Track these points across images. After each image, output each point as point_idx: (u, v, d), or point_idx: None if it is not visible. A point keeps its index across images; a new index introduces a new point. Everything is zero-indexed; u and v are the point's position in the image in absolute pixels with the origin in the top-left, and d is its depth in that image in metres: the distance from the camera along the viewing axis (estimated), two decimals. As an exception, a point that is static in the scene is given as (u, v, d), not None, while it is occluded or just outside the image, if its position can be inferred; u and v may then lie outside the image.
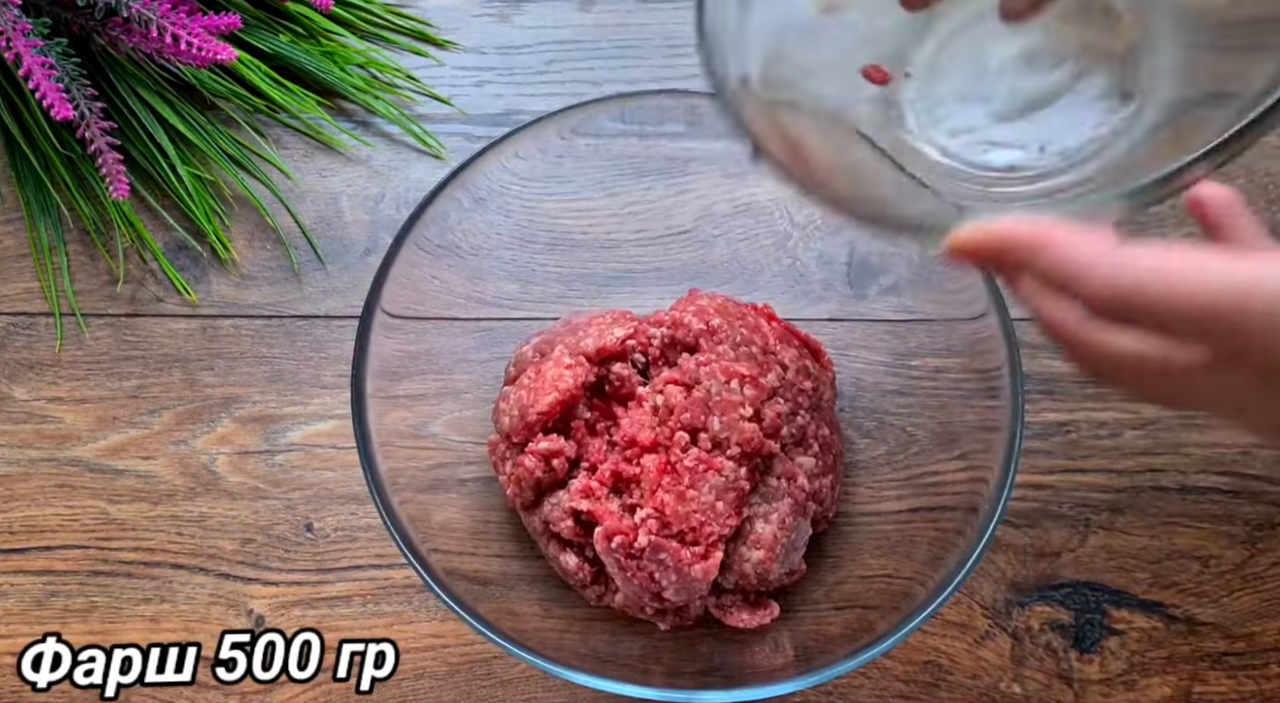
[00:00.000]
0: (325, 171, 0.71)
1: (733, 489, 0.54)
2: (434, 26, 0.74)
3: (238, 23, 0.65)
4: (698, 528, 0.53)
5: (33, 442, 0.65)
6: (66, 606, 0.61)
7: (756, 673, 0.55)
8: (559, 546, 0.56)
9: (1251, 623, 0.61)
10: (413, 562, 0.51)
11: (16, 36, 0.61)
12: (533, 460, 0.55)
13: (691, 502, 0.53)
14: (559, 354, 0.58)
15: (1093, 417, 0.65)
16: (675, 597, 0.54)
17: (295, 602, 0.62)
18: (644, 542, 0.52)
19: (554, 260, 0.65)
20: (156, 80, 0.70)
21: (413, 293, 0.59)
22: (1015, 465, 0.52)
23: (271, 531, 0.63)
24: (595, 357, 0.57)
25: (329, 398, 0.66)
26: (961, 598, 0.62)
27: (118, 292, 0.68)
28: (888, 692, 0.60)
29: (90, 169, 0.68)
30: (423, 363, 0.61)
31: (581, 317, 0.61)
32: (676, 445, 0.54)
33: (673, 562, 0.52)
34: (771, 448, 0.55)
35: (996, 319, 0.54)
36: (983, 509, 0.52)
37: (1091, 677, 0.60)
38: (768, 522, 0.55)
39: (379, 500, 0.52)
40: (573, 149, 0.63)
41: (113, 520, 0.63)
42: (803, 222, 0.64)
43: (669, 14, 0.75)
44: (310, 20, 0.72)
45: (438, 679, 0.60)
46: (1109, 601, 0.62)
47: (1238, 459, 0.65)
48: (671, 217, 0.66)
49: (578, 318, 0.60)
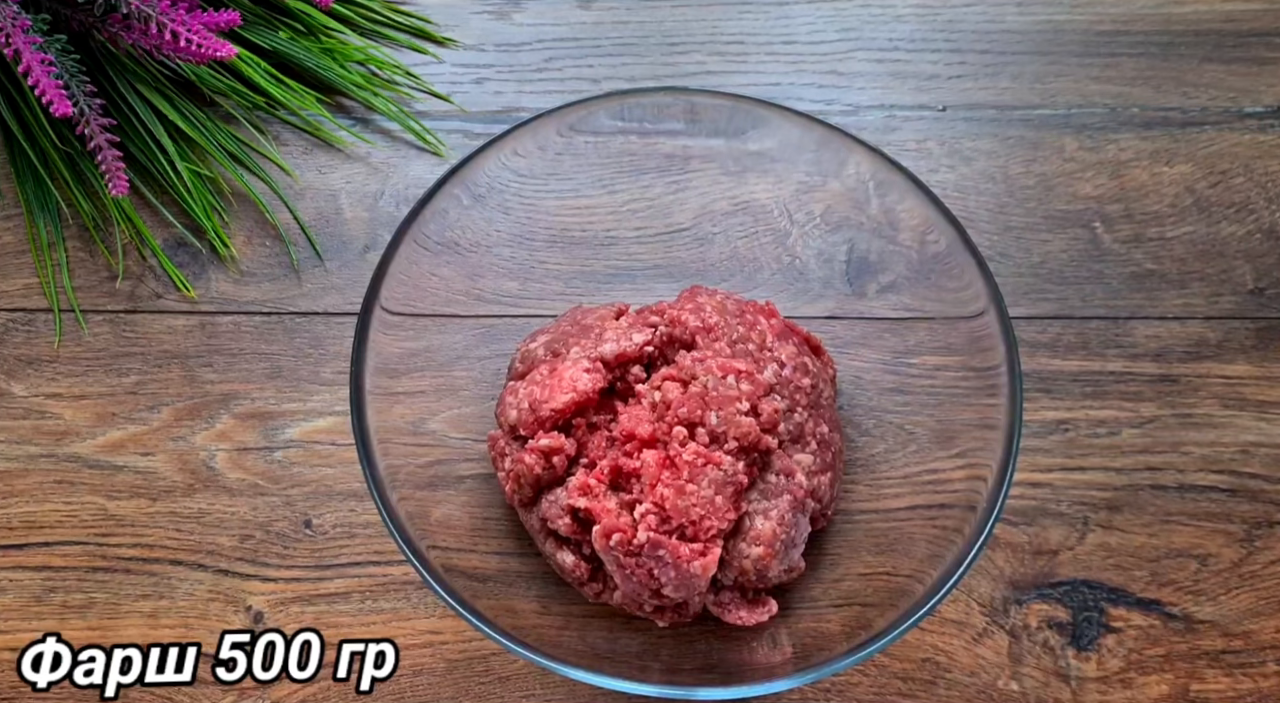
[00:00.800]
0: (324, 168, 0.71)
1: (731, 484, 0.54)
2: (434, 23, 0.74)
3: (237, 19, 0.65)
4: (697, 522, 0.53)
5: (31, 438, 0.65)
6: (65, 602, 0.61)
7: (755, 670, 0.55)
8: (556, 543, 0.56)
9: (1249, 621, 0.61)
10: (411, 559, 0.51)
11: (15, 33, 0.61)
12: (533, 457, 0.55)
13: (691, 496, 0.53)
14: (576, 356, 0.58)
15: (1091, 415, 0.66)
16: (674, 594, 0.54)
17: (294, 598, 0.62)
18: (643, 538, 0.52)
19: (553, 258, 0.65)
20: (156, 77, 0.70)
21: (412, 290, 0.59)
22: (1014, 463, 0.52)
23: (270, 527, 0.63)
24: (614, 362, 0.57)
25: (328, 395, 0.66)
26: (960, 596, 0.62)
27: (117, 288, 0.68)
28: (886, 689, 0.60)
29: (89, 165, 0.68)
30: (422, 360, 0.61)
31: (588, 312, 0.61)
32: (675, 440, 0.54)
33: (671, 558, 0.53)
34: (769, 443, 0.55)
35: (995, 317, 0.54)
36: (981, 507, 0.52)
37: (1089, 675, 0.60)
38: (767, 518, 0.55)
39: (378, 497, 0.52)
40: (572, 146, 0.63)
41: (111, 517, 0.63)
42: (802, 220, 0.65)
43: (668, 12, 0.75)
44: (310, 17, 0.72)
45: (436, 676, 0.60)
46: (1107, 599, 0.62)
47: (1236, 458, 0.65)
48: (671, 214, 0.66)
49: (584, 314, 0.60)
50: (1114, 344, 0.67)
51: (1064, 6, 0.78)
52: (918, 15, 0.76)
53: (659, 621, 0.56)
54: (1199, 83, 0.75)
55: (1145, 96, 0.75)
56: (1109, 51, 0.77)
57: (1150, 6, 0.78)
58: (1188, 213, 0.71)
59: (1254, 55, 0.76)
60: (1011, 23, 0.77)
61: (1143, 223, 0.71)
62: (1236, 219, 0.71)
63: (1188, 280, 0.69)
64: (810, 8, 0.76)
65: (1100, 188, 0.71)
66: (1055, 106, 0.74)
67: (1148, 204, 0.71)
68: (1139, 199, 0.71)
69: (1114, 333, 0.68)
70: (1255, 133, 0.74)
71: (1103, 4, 0.78)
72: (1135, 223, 0.71)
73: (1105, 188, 0.72)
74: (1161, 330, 0.68)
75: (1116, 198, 0.71)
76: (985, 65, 0.75)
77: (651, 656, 0.57)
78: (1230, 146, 0.73)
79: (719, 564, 0.54)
